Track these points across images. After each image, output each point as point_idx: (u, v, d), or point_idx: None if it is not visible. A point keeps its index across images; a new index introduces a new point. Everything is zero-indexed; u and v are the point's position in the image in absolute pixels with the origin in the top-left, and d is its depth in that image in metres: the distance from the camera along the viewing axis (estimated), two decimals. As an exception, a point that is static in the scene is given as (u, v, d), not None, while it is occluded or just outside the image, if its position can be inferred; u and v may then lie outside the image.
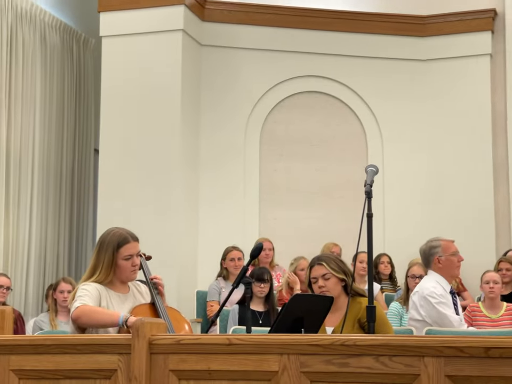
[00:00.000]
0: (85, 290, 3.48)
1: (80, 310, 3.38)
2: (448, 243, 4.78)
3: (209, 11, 8.05)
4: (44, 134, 8.10)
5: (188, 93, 7.70)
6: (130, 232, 3.63)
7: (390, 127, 8.13)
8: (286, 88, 8.17)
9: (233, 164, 7.99)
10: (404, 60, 8.19)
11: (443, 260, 4.71)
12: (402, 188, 8.03)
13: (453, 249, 4.77)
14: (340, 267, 3.82)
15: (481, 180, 7.89)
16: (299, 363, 2.30)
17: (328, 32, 8.15)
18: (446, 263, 4.71)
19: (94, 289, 3.49)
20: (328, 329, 3.74)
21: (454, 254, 4.75)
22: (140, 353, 2.44)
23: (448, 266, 4.72)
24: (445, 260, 4.71)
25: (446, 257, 4.71)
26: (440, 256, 4.71)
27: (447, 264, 4.72)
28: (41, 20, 8.14)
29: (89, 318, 3.37)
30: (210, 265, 7.30)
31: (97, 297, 3.48)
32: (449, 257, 4.72)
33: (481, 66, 8.07)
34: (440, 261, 4.71)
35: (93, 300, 3.45)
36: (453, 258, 4.74)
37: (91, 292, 3.47)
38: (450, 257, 4.73)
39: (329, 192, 8.10)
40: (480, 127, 7.98)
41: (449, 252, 4.74)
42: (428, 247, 4.78)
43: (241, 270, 3.84)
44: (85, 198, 8.84)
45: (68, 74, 8.58)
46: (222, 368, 2.38)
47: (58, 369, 2.58)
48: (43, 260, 7.99)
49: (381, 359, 2.22)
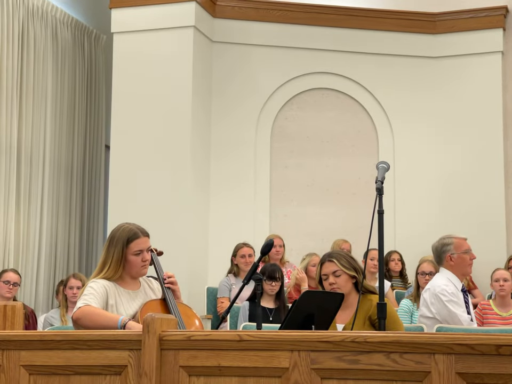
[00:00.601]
0: (91, 289, 3.46)
1: (81, 311, 3.37)
2: (460, 241, 4.76)
3: (221, 7, 8.05)
4: (55, 130, 8.12)
5: (198, 90, 7.70)
6: (140, 227, 3.63)
7: (401, 123, 8.11)
8: (297, 85, 8.17)
9: (244, 160, 7.99)
10: (415, 57, 8.17)
11: (455, 257, 4.68)
12: (413, 184, 8.01)
13: (465, 247, 4.75)
14: (350, 264, 3.82)
15: (492, 177, 7.86)
16: (309, 360, 2.29)
17: (340, 29, 8.13)
18: (458, 261, 4.69)
19: (101, 287, 3.47)
20: (339, 326, 3.74)
21: (467, 252, 4.73)
22: (150, 349, 2.44)
23: (460, 264, 4.70)
24: (457, 258, 4.69)
25: (458, 255, 4.69)
26: (453, 254, 4.68)
27: (459, 262, 4.69)
28: (52, 16, 8.16)
29: (89, 321, 3.34)
30: (220, 262, 7.30)
31: (103, 296, 3.46)
32: (461, 255, 4.70)
33: (493, 63, 8.03)
34: (452, 258, 4.69)
35: (98, 299, 3.42)
36: (465, 256, 4.71)
37: (97, 290, 3.45)
38: (462, 255, 4.70)
39: (340, 189, 8.09)
40: (491, 125, 7.95)
41: (461, 250, 4.71)
42: (440, 244, 4.76)
43: (252, 266, 3.84)
44: (96, 194, 8.86)
45: (79, 70, 8.60)
46: (232, 365, 2.38)
47: (69, 365, 2.58)
48: (53, 256, 8.01)
49: (392, 356, 2.21)
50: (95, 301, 3.41)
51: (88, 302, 3.39)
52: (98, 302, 3.42)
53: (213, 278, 7.49)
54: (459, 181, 7.96)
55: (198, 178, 7.71)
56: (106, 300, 3.47)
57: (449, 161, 8.03)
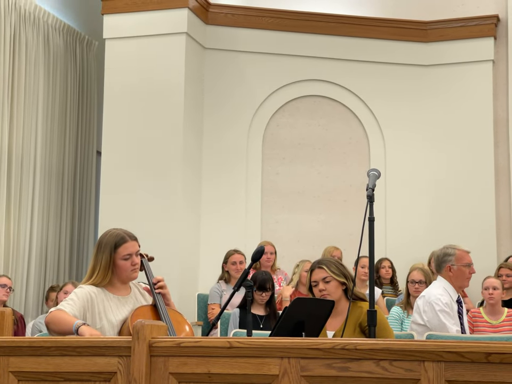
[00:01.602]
0: (73, 294, 3.45)
1: (51, 315, 3.35)
2: (463, 253, 4.72)
3: (213, 14, 8.06)
4: (46, 136, 8.11)
5: (191, 96, 7.71)
6: (128, 231, 3.62)
7: (392, 131, 8.13)
8: (289, 92, 8.18)
9: (236, 167, 8.00)
10: (406, 65, 8.20)
11: (455, 269, 4.67)
12: (404, 192, 8.03)
13: (466, 260, 4.72)
14: (340, 270, 3.82)
15: (483, 185, 7.88)
16: (299, 367, 2.29)
17: (331, 37, 8.15)
18: (457, 273, 4.67)
19: (85, 294, 3.45)
20: (329, 333, 3.74)
21: (467, 266, 4.70)
22: (139, 355, 2.44)
23: (459, 277, 4.68)
24: (456, 270, 4.67)
25: (458, 267, 4.67)
26: (453, 265, 4.66)
27: (458, 274, 4.67)
28: (44, 22, 8.15)
29: (54, 324, 3.32)
30: (211, 268, 7.30)
31: (85, 303, 3.43)
32: (461, 267, 4.68)
33: (484, 72, 8.07)
34: (451, 269, 4.67)
35: (75, 306, 3.39)
36: (465, 269, 4.69)
37: (79, 297, 3.43)
38: (462, 267, 4.68)
39: (331, 196, 8.10)
40: (482, 133, 7.98)
41: (462, 262, 4.69)
42: (442, 253, 4.74)
43: (243, 273, 3.84)
44: (87, 200, 8.85)
45: (70, 76, 8.59)
46: (222, 372, 2.37)
47: (58, 371, 2.57)
48: (44, 261, 7.99)
49: (382, 363, 2.21)
50: (70, 307, 3.38)
51: (61, 307, 3.38)
52: (74, 308, 3.39)
53: (204, 284, 7.48)
54: (450, 189, 7.98)
55: (190, 185, 7.70)
56: (90, 307, 3.45)
57: (440, 168, 8.05)
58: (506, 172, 7.89)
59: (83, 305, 3.43)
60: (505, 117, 7.97)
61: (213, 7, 8.06)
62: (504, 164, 7.92)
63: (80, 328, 3.23)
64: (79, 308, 3.41)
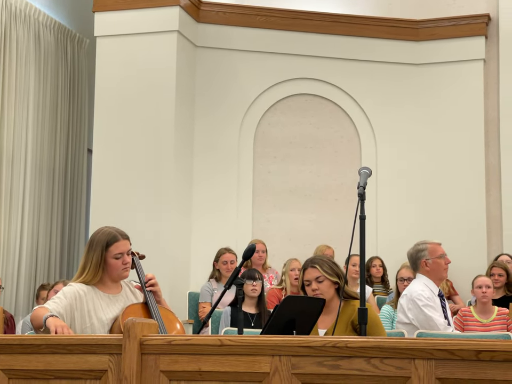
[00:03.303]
0: (61, 293, 3.45)
1: (33, 312, 3.36)
2: (434, 246, 4.80)
3: (204, 12, 8.05)
4: (37, 134, 8.08)
5: (182, 94, 7.70)
6: (120, 230, 3.61)
7: (384, 129, 8.15)
8: (281, 90, 8.18)
9: (227, 165, 7.99)
10: (398, 64, 8.21)
11: (430, 263, 4.73)
12: (395, 190, 8.05)
13: (439, 251, 4.79)
14: (333, 270, 3.81)
15: (474, 184, 7.91)
16: (290, 364, 2.29)
17: (323, 35, 8.16)
18: (433, 266, 4.73)
19: (73, 292, 3.44)
20: (321, 331, 3.74)
21: (441, 257, 4.77)
22: (130, 353, 2.43)
23: (436, 269, 4.74)
24: (432, 263, 4.73)
25: (433, 260, 4.73)
26: (427, 259, 4.73)
27: (435, 267, 4.74)
28: (35, 19, 8.12)
29: (33, 322, 3.32)
30: (203, 267, 7.30)
31: (72, 302, 3.42)
32: (436, 260, 4.74)
33: (475, 71, 8.09)
34: (427, 264, 4.73)
35: (61, 304, 3.39)
36: (440, 261, 4.76)
37: (66, 296, 3.42)
38: (437, 260, 4.75)
39: (322, 194, 8.11)
40: (472, 132, 8.00)
41: (436, 255, 4.75)
42: (414, 250, 4.81)
43: (234, 271, 3.83)
44: (78, 198, 8.82)
45: (61, 74, 8.56)
46: (213, 369, 2.37)
47: (48, 369, 2.56)
48: (34, 259, 7.96)
49: (372, 361, 2.22)
50: (55, 305, 3.38)
51: (45, 305, 3.39)
52: (59, 306, 3.38)
53: (195, 283, 7.48)
54: (441, 188, 8.00)
55: (181, 183, 7.69)
56: (79, 305, 3.43)
57: (431, 167, 8.07)
58: (496, 171, 7.92)
59: (70, 303, 3.42)
60: (496, 116, 8.00)
61: (205, 5, 8.05)
62: (495, 162, 7.95)
63: (47, 320, 3.23)
64: (65, 306, 3.39)
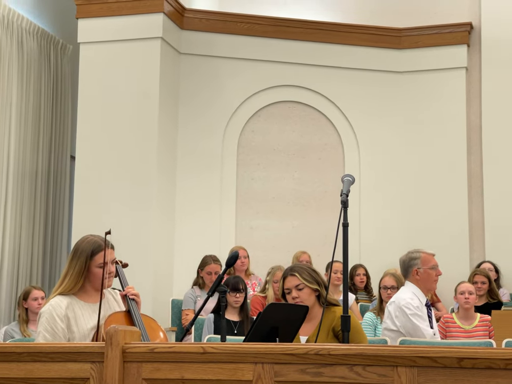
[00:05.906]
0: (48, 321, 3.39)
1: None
2: (428, 256, 4.80)
3: (188, 19, 8.06)
4: (20, 140, 8.03)
5: (165, 101, 7.69)
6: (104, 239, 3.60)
7: (367, 137, 8.18)
8: (264, 98, 8.19)
9: (211, 173, 7.99)
10: (380, 72, 8.25)
11: (421, 272, 4.73)
12: (378, 197, 8.07)
13: (432, 262, 4.79)
14: (312, 277, 3.82)
15: (456, 191, 7.95)
16: (273, 372, 2.29)
17: (306, 43, 8.18)
18: (423, 276, 4.73)
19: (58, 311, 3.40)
20: (302, 338, 3.74)
21: (433, 268, 4.77)
22: (113, 361, 2.42)
23: (426, 279, 4.75)
24: (423, 273, 4.73)
25: (425, 270, 4.74)
26: (419, 268, 4.73)
27: (425, 277, 4.74)
28: (18, 25, 8.09)
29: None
30: (186, 274, 7.28)
31: (61, 319, 3.39)
32: (427, 270, 4.74)
33: (457, 79, 8.14)
34: (418, 272, 4.73)
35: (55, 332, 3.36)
36: (431, 271, 4.76)
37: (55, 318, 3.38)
38: (428, 270, 4.75)
39: (306, 202, 8.12)
40: (455, 139, 8.05)
41: (428, 265, 4.75)
42: (407, 257, 4.80)
43: (217, 278, 3.83)
44: (60, 205, 8.77)
45: (44, 80, 8.52)
46: (195, 377, 2.36)
47: (30, 377, 2.54)
48: (16, 266, 7.91)
49: (355, 368, 2.22)
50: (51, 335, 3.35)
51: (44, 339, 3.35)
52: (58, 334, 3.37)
53: (178, 290, 7.46)
54: (423, 195, 8.04)
55: (164, 190, 7.68)
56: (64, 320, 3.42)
57: (413, 174, 8.11)
58: (479, 178, 7.97)
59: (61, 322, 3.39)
60: (478, 123, 8.05)
61: (188, 12, 8.06)
62: (477, 169, 7.99)
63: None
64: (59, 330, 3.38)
